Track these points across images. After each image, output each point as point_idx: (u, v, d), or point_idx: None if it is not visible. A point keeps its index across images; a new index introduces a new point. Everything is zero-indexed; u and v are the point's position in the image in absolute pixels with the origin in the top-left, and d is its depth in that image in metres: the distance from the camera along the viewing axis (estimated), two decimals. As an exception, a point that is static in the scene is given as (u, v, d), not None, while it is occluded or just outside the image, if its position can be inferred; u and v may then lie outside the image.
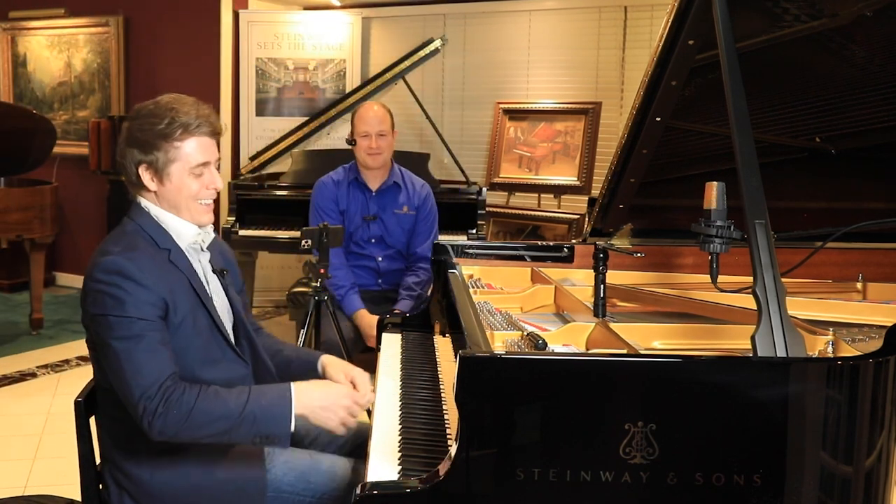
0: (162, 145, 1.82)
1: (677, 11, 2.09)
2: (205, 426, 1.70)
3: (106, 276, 1.75)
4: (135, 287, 1.74)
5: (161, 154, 1.83)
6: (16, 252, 6.01)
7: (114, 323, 1.73)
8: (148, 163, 1.84)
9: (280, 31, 6.01)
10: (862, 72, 2.20)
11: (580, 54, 5.49)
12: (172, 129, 1.81)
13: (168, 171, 1.84)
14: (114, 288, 1.73)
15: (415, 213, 3.51)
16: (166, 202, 1.88)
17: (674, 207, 2.79)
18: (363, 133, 3.41)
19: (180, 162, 1.84)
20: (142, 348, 1.71)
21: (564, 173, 5.30)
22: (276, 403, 1.74)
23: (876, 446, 1.44)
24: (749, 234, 1.57)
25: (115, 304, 1.73)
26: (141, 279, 1.75)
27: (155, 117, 1.82)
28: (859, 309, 2.24)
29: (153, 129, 1.81)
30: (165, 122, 1.81)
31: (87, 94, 6.63)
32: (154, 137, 1.81)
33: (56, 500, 2.13)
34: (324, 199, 3.47)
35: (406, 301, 3.39)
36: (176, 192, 1.86)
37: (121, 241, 1.83)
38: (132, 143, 1.84)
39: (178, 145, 1.83)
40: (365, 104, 3.58)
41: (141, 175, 1.85)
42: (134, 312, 1.73)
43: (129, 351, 1.71)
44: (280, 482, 1.87)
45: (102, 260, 1.77)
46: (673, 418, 1.39)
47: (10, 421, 4.00)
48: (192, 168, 1.85)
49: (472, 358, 1.43)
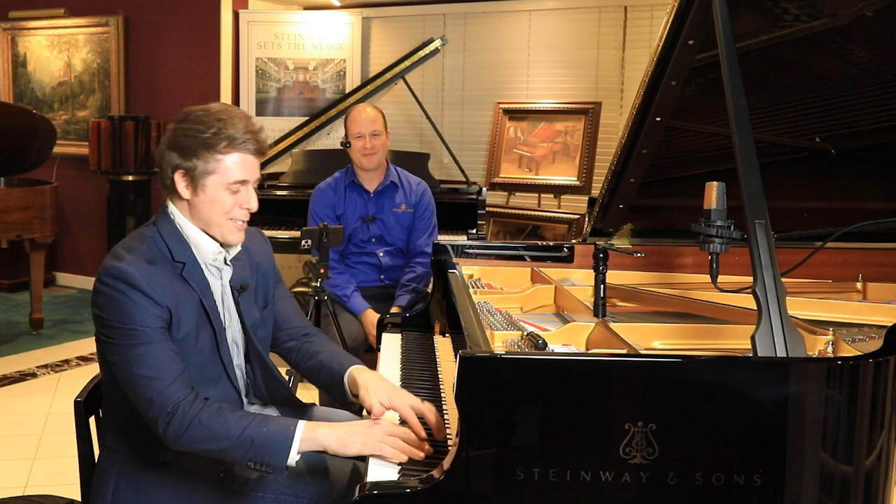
0: (203, 154, 1.77)
1: (677, 11, 2.09)
2: (203, 441, 1.69)
3: (112, 282, 1.73)
4: (140, 297, 1.72)
5: (200, 163, 1.77)
6: (16, 252, 6.01)
7: (119, 330, 1.72)
8: (185, 169, 1.78)
9: (280, 31, 6.01)
10: (862, 72, 2.20)
11: (580, 54, 5.49)
12: (217, 139, 1.77)
13: (204, 181, 1.79)
14: (119, 294, 1.72)
15: (412, 211, 3.53)
16: (196, 214, 1.83)
17: (674, 207, 2.79)
18: (357, 134, 3.43)
19: (218, 175, 1.79)
20: (146, 355, 1.70)
21: (564, 173, 5.30)
22: (278, 433, 1.68)
23: (876, 446, 1.44)
24: (749, 234, 1.57)
25: (120, 311, 1.72)
26: (147, 290, 1.72)
27: (202, 124, 1.77)
28: (859, 309, 2.24)
29: (198, 136, 1.77)
30: (212, 131, 1.76)
31: (87, 94, 6.64)
32: (196, 144, 1.77)
33: (56, 500, 2.13)
34: (321, 207, 3.50)
35: (404, 296, 3.42)
36: (209, 204, 1.80)
37: (134, 248, 1.80)
38: (173, 147, 1.80)
39: (219, 157, 1.78)
40: (357, 107, 3.61)
41: (175, 180, 1.80)
42: (138, 322, 1.71)
43: (135, 359, 1.71)
44: (278, 484, 1.84)
45: (112, 265, 1.74)
46: (673, 418, 1.39)
47: (10, 421, 4.00)
48: (229, 183, 1.80)
49: (472, 358, 1.43)
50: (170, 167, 1.80)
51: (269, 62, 6.02)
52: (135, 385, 1.71)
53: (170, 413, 1.68)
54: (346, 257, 3.52)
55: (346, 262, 3.52)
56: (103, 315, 1.74)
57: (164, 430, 1.68)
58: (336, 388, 1.95)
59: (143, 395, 1.70)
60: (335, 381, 1.94)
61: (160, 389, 1.68)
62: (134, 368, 1.70)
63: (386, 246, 3.52)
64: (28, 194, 5.13)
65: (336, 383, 1.94)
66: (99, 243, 6.58)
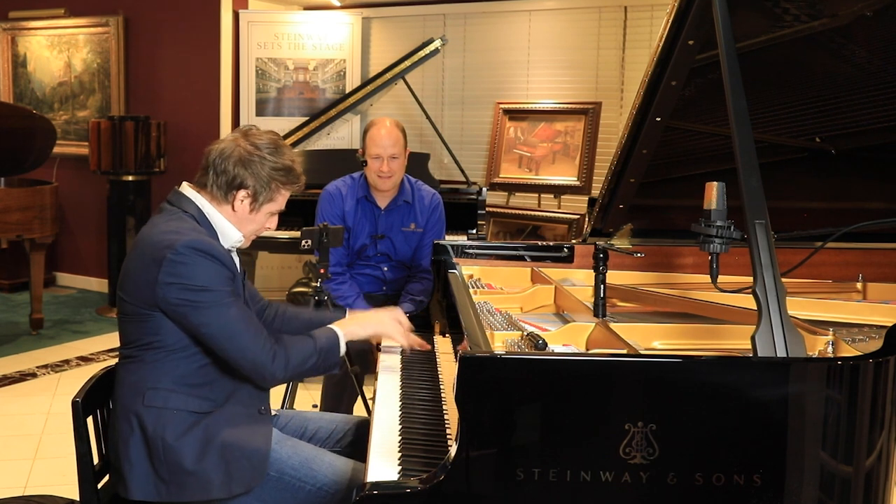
0: (273, 185, 2.02)
1: (677, 11, 2.09)
2: (302, 364, 1.99)
3: (195, 253, 1.89)
4: (221, 267, 1.92)
5: (267, 192, 2.02)
6: (16, 252, 6.02)
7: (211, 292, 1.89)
8: (255, 191, 2.01)
9: (280, 31, 6.01)
10: (862, 72, 2.20)
11: (580, 54, 5.49)
12: (287, 178, 2.03)
13: (262, 206, 2.04)
14: (207, 261, 1.90)
15: (422, 231, 3.45)
16: (231, 217, 2.04)
17: (674, 207, 2.79)
18: (374, 155, 3.27)
19: (273, 204, 2.05)
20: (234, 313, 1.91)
21: (564, 173, 5.30)
22: (331, 340, 2.08)
23: (876, 446, 1.44)
24: (749, 234, 1.57)
25: (211, 276, 1.90)
26: (226, 262, 1.94)
27: (279, 161, 2.02)
28: (859, 309, 2.24)
29: (275, 170, 2.01)
30: (287, 170, 2.03)
31: (87, 94, 6.64)
32: (272, 177, 2.01)
33: (56, 500, 2.14)
34: (330, 214, 3.40)
35: (408, 304, 3.37)
36: (252, 221, 2.05)
37: (189, 229, 1.95)
38: (247, 167, 1.99)
39: (283, 192, 2.05)
40: (378, 122, 3.37)
41: (238, 195, 2.01)
42: (227, 285, 1.93)
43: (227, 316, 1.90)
44: (284, 464, 1.93)
45: (190, 239, 1.90)
46: (673, 418, 1.39)
47: (10, 421, 4.00)
48: (274, 211, 2.07)
49: (473, 358, 1.43)
50: (237, 181, 2.00)
51: (269, 62, 6.02)
52: (237, 337, 1.91)
53: (272, 355, 1.94)
54: (350, 267, 3.49)
55: (349, 272, 3.49)
56: (191, 283, 1.89)
57: (273, 369, 1.94)
58: None
59: (248, 345, 1.91)
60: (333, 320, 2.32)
61: (261, 339, 1.93)
62: (234, 324, 1.91)
63: (390, 261, 3.48)
64: (28, 194, 5.13)
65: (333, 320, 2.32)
66: (99, 243, 6.58)
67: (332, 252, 3.18)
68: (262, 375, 1.95)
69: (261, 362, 1.93)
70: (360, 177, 3.44)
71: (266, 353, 1.93)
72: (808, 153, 2.47)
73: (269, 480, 1.91)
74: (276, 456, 1.93)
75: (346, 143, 5.85)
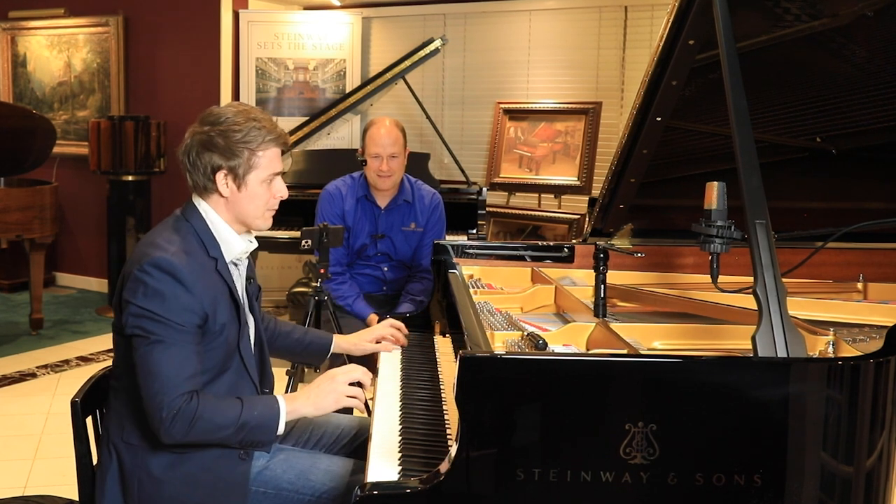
0: (244, 153, 1.87)
1: (677, 11, 2.09)
2: (206, 433, 1.76)
3: (158, 274, 1.77)
4: (183, 292, 1.77)
5: (243, 161, 1.87)
6: (16, 252, 6.02)
7: (157, 322, 1.75)
8: (229, 168, 1.87)
9: (280, 31, 6.01)
10: (862, 72, 2.20)
11: (580, 54, 5.49)
12: (255, 137, 1.87)
13: (247, 178, 1.89)
14: (165, 287, 1.76)
15: (422, 230, 3.45)
16: (234, 209, 1.92)
17: (674, 207, 2.79)
18: (374, 154, 3.28)
19: (259, 170, 1.89)
20: (172, 353, 1.75)
21: (564, 173, 5.30)
22: (266, 414, 1.81)
23: (876, 446, 1.44)
24: (749, 234, 1.56)
25: (163, 305, 1.76)
26: (191, 285, 1.78)
27: (237, 125, 1.87)
28: (859, 309, 2.24)
29: (235, 135, 1.86)
30: (248, 130, 1.87)
31: (86, 94, 6.63)
32: (236, 144, 1.86)
33: (56, 500, 2.13)
34: (330, 214, 3.40)
35: (408, 304, 3.37)
36: (249, 199, 1.91)
37: (175, 241, 1.84)
38: (210, 148, 1.87)
39: (259, 154, 1.89)
40: (377, 121, 3.38)
41: (217, 180, 1.88)
42: (175, 317, 1.76)
43: (160, 354, 1.74)
44: (280, 479, 1.89)
45: (160, 256, 1.78)
46: (673, 418, 1.39)
47: (10, 421, 4.00)
48: (265, 177, 1.91)
49: (473, 358, 1.43)
50: (209, 168, 1.88)
51: (269, 62, 6.02)
52: (150, 378, 1.74)
53: (175, 411, 1.72)
54: (350, 267, 3.49)
55: (349, 272, 3.48)
56: (142, 305, 1.76)
57: (169, 426, 1.73)
58: (321, 353, 2.35)
59: (153, 390, 1.73)
60: (322, 349, 2.35)
61: (173, 387, 1.73)
62: (156, 364, 1.74)
63: (390, 261, 3.48)
64: (28, 194, 5.13)
65: (323, 348, 2.35)
66: (99, 243, 6.58)
67: (332, 252, 3.18)
68: (157, 430, 1.75)
69: (159, 416, 1.73)
70: (360, 176, 3.44)
71: (170, 409, 1.72)
72: (808, 153, 2.47)
73: (266, 498, 1.88)
74: (270, 473, 1.89)
75: (346, 143, 5.84)
